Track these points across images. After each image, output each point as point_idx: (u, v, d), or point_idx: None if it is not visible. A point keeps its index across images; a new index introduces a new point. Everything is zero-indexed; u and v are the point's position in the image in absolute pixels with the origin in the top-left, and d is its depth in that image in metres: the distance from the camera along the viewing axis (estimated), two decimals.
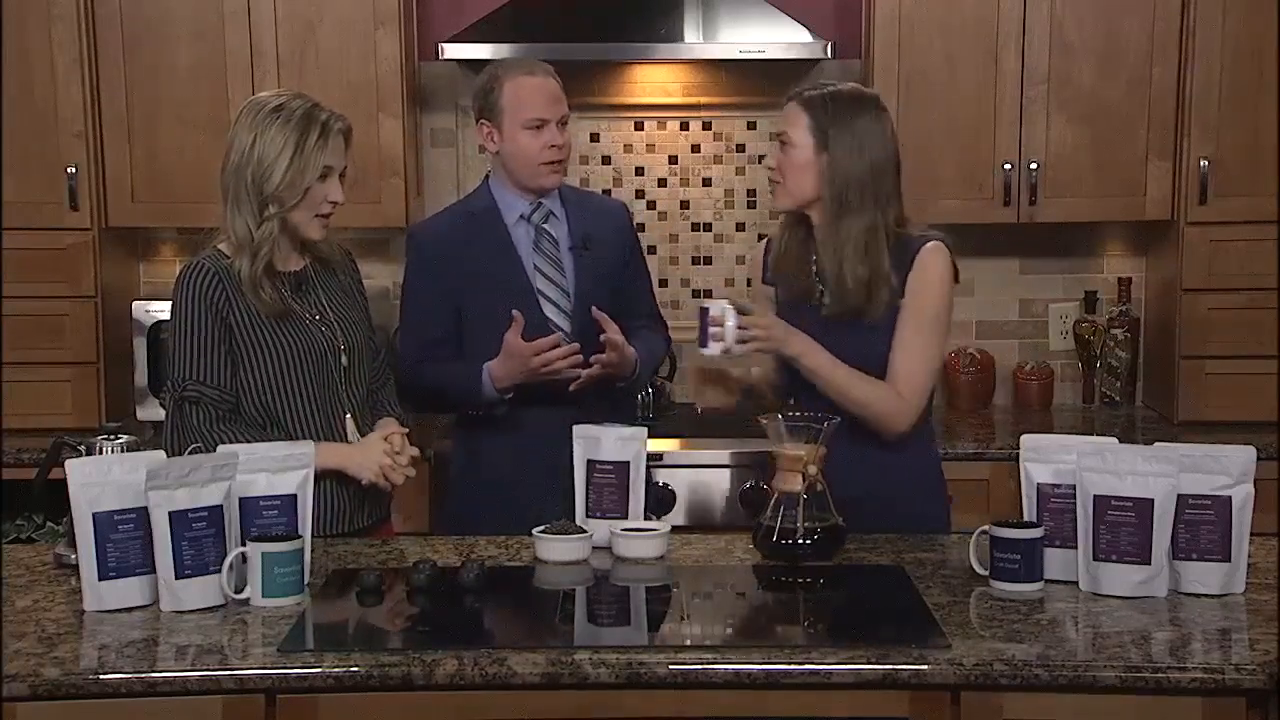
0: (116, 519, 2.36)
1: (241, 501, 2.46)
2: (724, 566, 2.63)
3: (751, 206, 4.40)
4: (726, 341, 2.73)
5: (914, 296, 2.78)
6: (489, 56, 4.01)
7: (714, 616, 2.47)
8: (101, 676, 2.13)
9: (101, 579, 2.36)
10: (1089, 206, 4.05)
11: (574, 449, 2.76)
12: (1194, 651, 2.20)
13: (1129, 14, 3.96)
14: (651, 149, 4.38)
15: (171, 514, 2.34)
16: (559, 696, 2.15)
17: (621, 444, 2.73)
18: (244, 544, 2.40)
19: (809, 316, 2.83)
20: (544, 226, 3.20)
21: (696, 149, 4.38)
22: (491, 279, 3.13)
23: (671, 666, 2.14)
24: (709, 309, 2.74)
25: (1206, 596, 2.40)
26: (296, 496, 2.50)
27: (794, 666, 2.13)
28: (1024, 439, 2.54)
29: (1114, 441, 2.49)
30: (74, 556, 2.46)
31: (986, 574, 2.46)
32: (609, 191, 4.36)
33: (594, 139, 4.37)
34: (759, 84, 4.28)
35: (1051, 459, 2.50)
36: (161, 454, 2.45)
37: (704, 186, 4.38)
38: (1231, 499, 2.41)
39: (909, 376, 2.78)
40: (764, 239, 3.05)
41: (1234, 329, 3.97)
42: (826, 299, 2.82)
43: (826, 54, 3.98)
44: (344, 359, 2.85)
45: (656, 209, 4.40)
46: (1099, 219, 4.18)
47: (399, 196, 4.01)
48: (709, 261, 4.38)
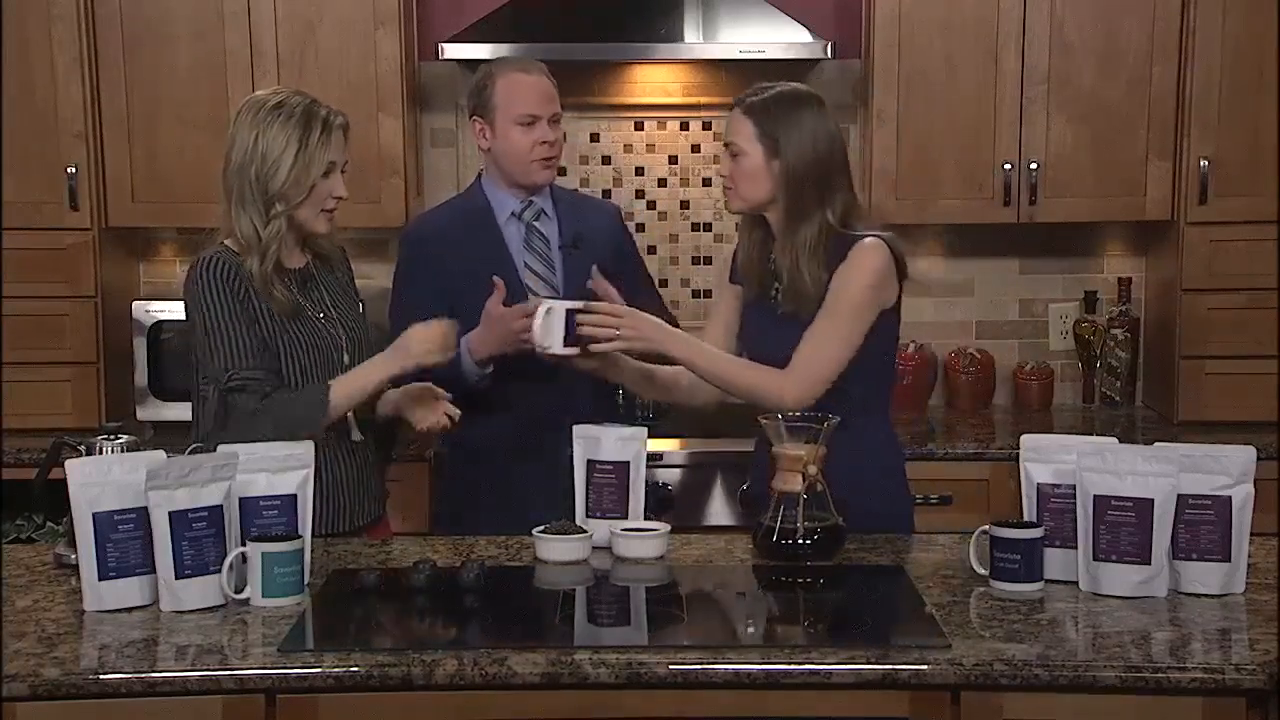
0: (116, 519, 2.36)
1: (241, 501, 2.45)
2: (724, 566, 2.63)
3: None
4: (552, 340, 2.75)
5: (835, 287, 2.77)
6: (489, 56, 3.99)
7: (714, 616, 2.47)
8: (101, 676, 2.13)
9: (101, 579, 2.36)
10: (1089, 206, 4.05)
11: (574, 449, 2.76)
12: (1194, 651, 2.20)
13: (1129, 14, 3.96)
14: (651, 149, 4.38)
15: (171, 514, 2.34)
16: (559, 696, 2.15)
17: (621, 444, 2.73)
18: (244, 544, 2.40)
19: (767, 313, 2.86)
20: (535, 224, 3.21)
21: (696, 149, 4.37)
22: (482, 276, 3.11)
23: (671, 666, 2.13)
24: (547, 308, 2.76)
25: (1206, 596, 2.39)
26: (296, 496, 2.50)
27: (794, 666, 2.13)
28: (1024, 439, 2.54)
29: (1114, 441, 2.48)
30: (74, 556, 2.45)
31: (986, 574, 2.45)
32: (609, 192, 4.36)
33: (594, 139, 4.37)
34: None
35: (1051, 459, 2.50)
36: (162, 454, 2.44)
37: (704, 186, 4.38)
38: (1231, 499, 2.41)
39: (805, 361, 2.75)
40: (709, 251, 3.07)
41: (1234, 329, 3.97)
42: (781, 296, 2.83)
43: (826, 54, 3.99)
44: (346, 357, 2.85)
45: (656, 209, 4.40)
46: (1099, 219, 4.18)
47: (399, 196, 4.01)
48: (709, 261, 4.38)
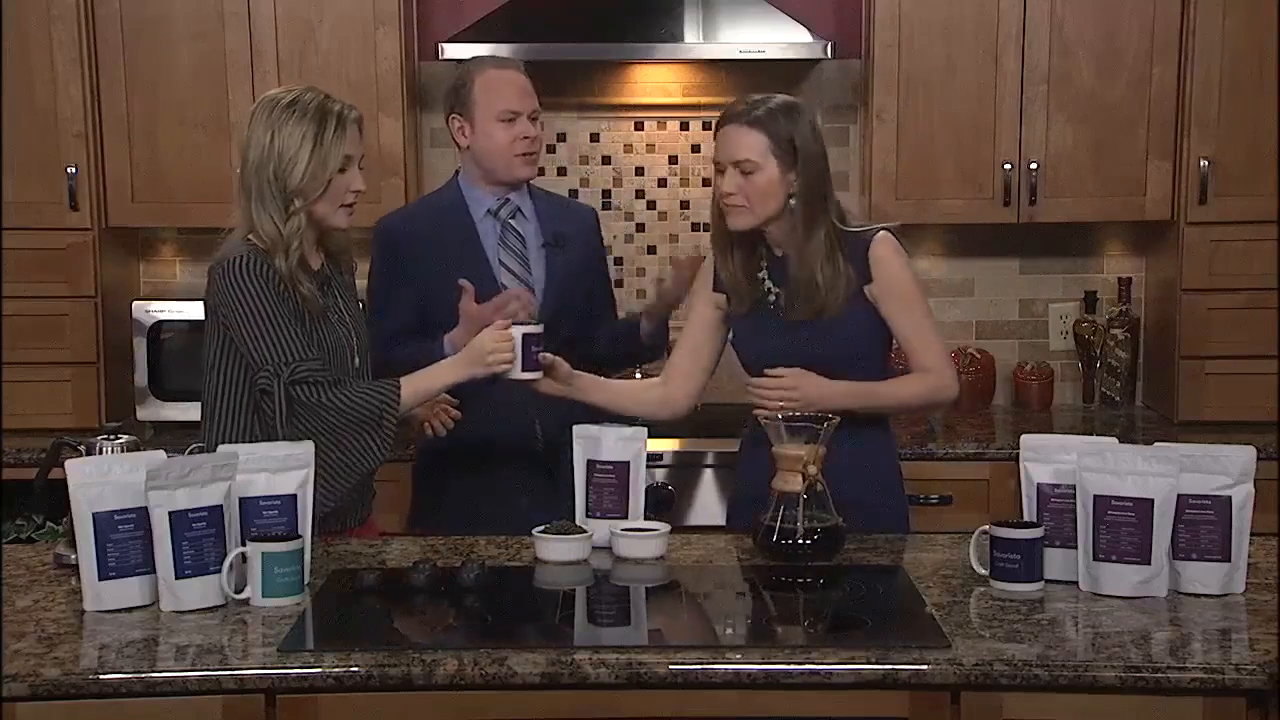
0: (116, 519, 2.36)
1: (241, 501, 2.45)
2: (724, 566, 2.63)
3: None
4: (515, 366, 2.76)
5: (891, 288, 2.83)
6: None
7: (714, 616, 2.47)
8: (101, 676, 2.13)
9: (101, 579, 2.36)
10: (1089, 206, 4.05)
11: (574, 449, 2.76)
12: (1194, 651, 2.20)
13: (1129, 14, 3.96)
14: (651, 149, 4.38)
15: (171, 514, 2.34)
16: (559, 696, 2.15)
17: (621, 444, 2.73)
18: (244, 544, 2.40)
19: (766, 322, 2.87)
20: (510, 222, 3.21)
21: (696, 149, 4.37)
22: (455, 274, 3.10)
23: (671, 666, 2.13)
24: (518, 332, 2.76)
25: (1206, 596, 2.39)
26: (296, 496, 2.50)
27: (794, 666, 2.13)
28: (1024, 439, 2.54)
29: (1114, 441, 2.49)
30: (74, 556, 2.45)
31: (986, 574, 2.46)
32: (608, 192, 4.36)
33: (594, 139, 4.37)
34: (759, 84, 4.23)
35: (1051, 459, 2.50)
36: (162, 454, 2.44)
37: (704, 186, 4.38)
38: (1231, 499, 2.41)
39: (936, 356, 2.86)
40: (705, 254, 3.05)
41: (1234, 329, 3.97)
42: (793, 302, 2.83)
43: (826, 54, 3.99)
44: (356, 359, 2.86)
45: (656, 209, 4.40)
46: (1099, 219, 4.18)
47: (399, 196, 4.01)
48: None
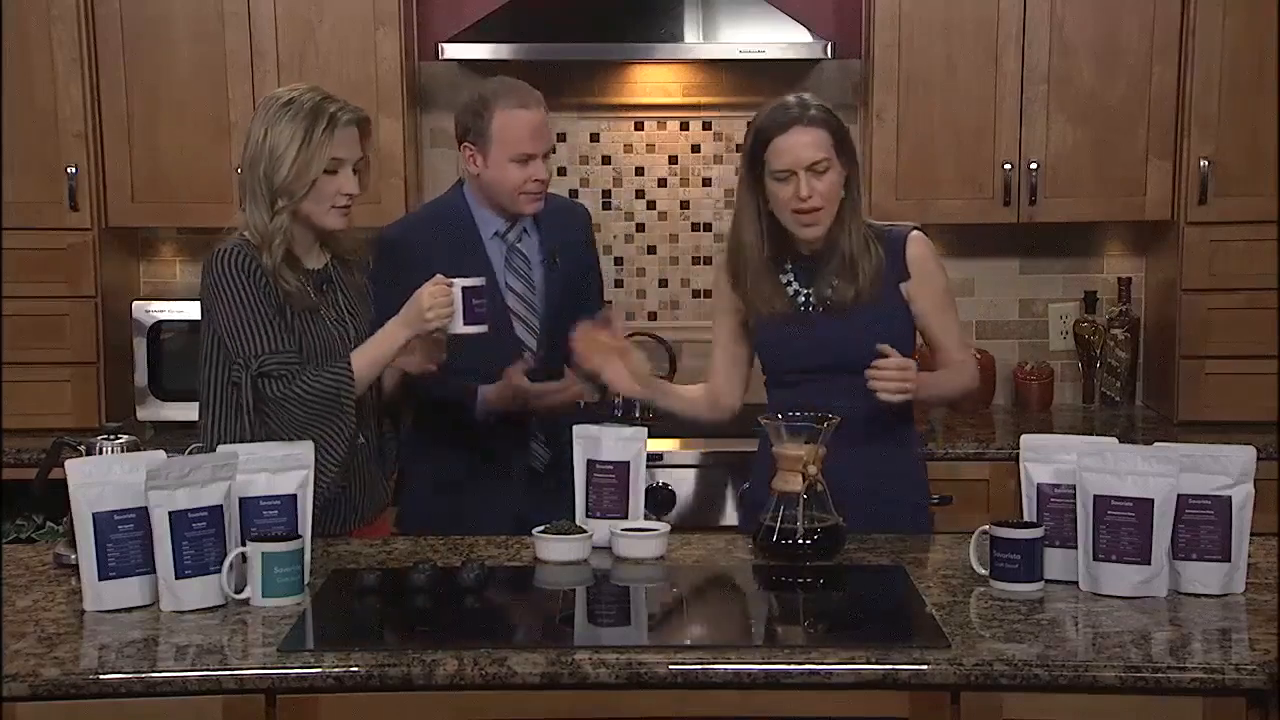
0: (116, 519, 2.36)
1: (241, 501, 2.45)
2: (724, 566, 2.63)
3: None
4: (456, 320, 2.75)
5: (928, 285, 2.88)
6: (489, 56, 4.01)
7: (714, 616, 2.47)
8: (101, 676, 2.13)
9: (101, 579, 2.36)
10: (1089, 206, 4.05)
11: (574, 449, 2.76)
12: (1194, 651, 2.20)
13: (1129, 14, 3.96)
14: (651, 149, 4.38)
15: (171, 514, 2.34)
16: (559, 696, 2.15)
17: (621, 444, 2.73)
18: (244, 544, 2.40)
19: (793, 319, 2.86)
20: (517, 245, 3.20)
21: (696, 149, 4.37)
22: None
23: (671, 666, 2.13)
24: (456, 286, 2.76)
25: (1206, 596, 2.39)
26: (296, 496, 2.50)
27: (794, 666, 2.13)
28: (1024, 439, 2.54)
29: (1114, 441, 2.49)
30: (74, 556, 2.45)
31: (986, 574, 2.45)
32: (608, 192, 4.36)
33: (594, 139, 4.37)
34: (759, 84, 4.28)
35: (1051, 459, 2.50)
36: (162, 454, 2.44)
37: (704, 186, 4.38)
38: (1231, 499, 2.41)
39: (962, 345, 2.99)
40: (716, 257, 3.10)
41: (1234, 329, 3.97)
42: (827, 296, 2.83)
43: (826, 54, 3.99)
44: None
45: (656, 209, 4.40)
46: (1099, 219, 4.18)
47: (399, 197, 4.01)
48: (709, 261, 4.38)
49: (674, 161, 4.38)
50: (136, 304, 4.05)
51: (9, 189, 3.92)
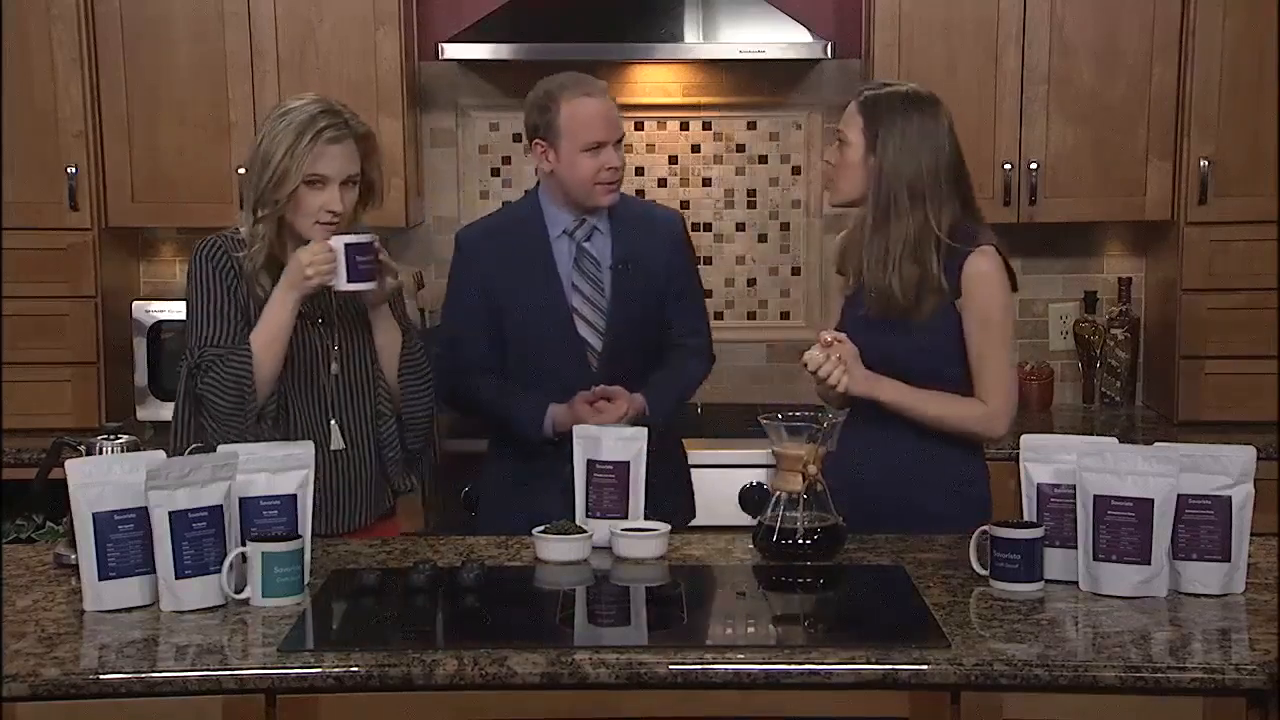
0: (116, 519, 2.36)
1: (241, 501, 2.45)
2: (724, 566, 2.63)
3: (751, 206, 4.40)
4: (340, 278, 2.70)
5: (975, 306, 2.80)
6: (489, 57, 4.02)
7: (714, 616, 2.47)
8: (101, 676, 2.13)
9: (101, 579, 2.36)
10: (1089, 206, 4.05)
11: (574, 449, 2.76)
12: (1194, 651, 2.20)
13: (1129, 14, 3.96)
14: (651, 149, 4.38)
15: (171, 514, 2.34)
16: (559, 696, 2.15)
17: (621, 444, 2.73)
18: (244, 544, 2.40)
19: (858, 313, 2.86)
20: (585, 245, 3.19)
21: (696, 149, 4.38)
22: (528, 293, 3.14)
23: (671, 666, 2.14)
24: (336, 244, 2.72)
25: (1206, 596, 2.39)
26: (296, 496, 2.49)
27: (794, 666, 2.13)
28: (1024, 439, 2.54)
29: (1114, 441, 2.49)
30: (74, 556, 2.45)
31: (986, 574, 2.46)
32: None
33: None
34: (759, 84, 4.29)
35: (1051, 459, 2.50)
36: (161, 454, 2.44)
37: (704, 186, 4.39)
38: (1231, 499, 2.41)
39: (995, 384, 2.82)
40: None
41: (1234, 329, 3.97)
42: (864, 295, 2.84)
43: (826, 54, 3.99)
44: (335, 365, 2.83)
45: None
46: (1099, 219, 4.18)
47: (399, 197, 4.00)
48: (709, 261, 4.38)
49: (674, 161, 4.38)
50: (136, 304, 4.06)
51: (9, 189, 3.92)
